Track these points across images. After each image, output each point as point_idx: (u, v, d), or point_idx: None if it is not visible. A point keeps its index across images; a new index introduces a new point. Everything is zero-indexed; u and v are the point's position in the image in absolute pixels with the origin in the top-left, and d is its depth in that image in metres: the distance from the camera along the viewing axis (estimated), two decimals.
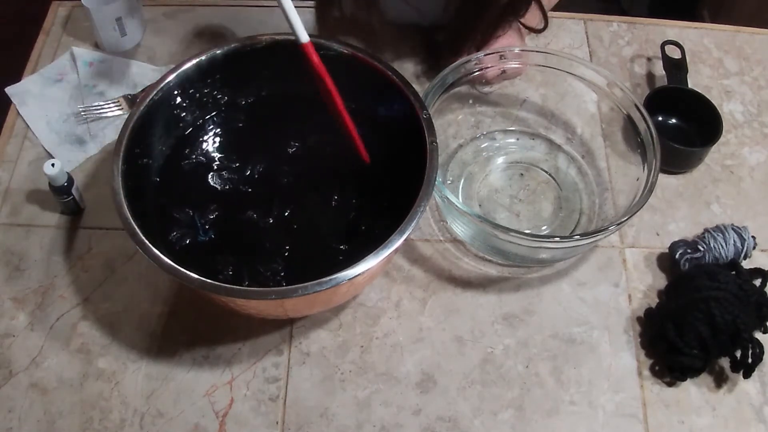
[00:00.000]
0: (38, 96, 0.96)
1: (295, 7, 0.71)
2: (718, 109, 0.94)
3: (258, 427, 0.75)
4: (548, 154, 0.95)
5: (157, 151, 0.82)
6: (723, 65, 1.06)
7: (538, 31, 0.96)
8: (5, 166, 0.91)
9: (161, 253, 0.68)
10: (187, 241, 0.77)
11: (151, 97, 0.78)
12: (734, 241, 0.84)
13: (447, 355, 0.80)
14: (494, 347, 0.81)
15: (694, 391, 0.79)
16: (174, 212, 0.79)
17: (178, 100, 0.82)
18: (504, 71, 0.91)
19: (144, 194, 0.78)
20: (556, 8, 1.07)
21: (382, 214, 0.80)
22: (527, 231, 0.88)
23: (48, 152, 0.92)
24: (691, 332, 0.77)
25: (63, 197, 0.84)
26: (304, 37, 0.72)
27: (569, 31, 1.07)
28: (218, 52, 0.81)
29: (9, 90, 0.96)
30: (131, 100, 0.95)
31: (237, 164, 0.83)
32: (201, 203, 0.80)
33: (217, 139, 0.85)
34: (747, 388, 0.80)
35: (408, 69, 1.00)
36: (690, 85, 0.98)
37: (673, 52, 0.99)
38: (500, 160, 0.94)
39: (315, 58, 0.73)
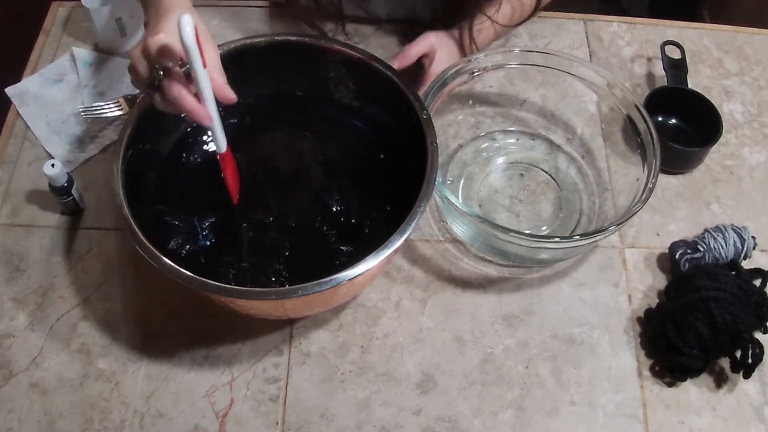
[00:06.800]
0: (38, 96, 0.96)
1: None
2: (718, 109, 0.94)
3: (258, 427, 0.75)
4: (548, 155, 0.95)
5: (157, 152, 0.82)
6: (723, 65, 1.06)
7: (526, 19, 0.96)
8: (5, 167, 0.91)
9: (161, 253, 0.68)
10: (188, 247, 0.77)
11: None
12: (734, 241, 0.84)
13: (447, 355, 0.80)
14: (494, 347, 0.81)
15: (694, 391, 0.79)
16: (173, 213, 0.79)
17: None
18: None
19: (144, 194, 0.77)
20: (555, 8, 1.07)
21: (382, 214, 0.80)
22: (527, 231, 0.88)
23: (48, 153, 0.92)
24: (691, 332, 0.77)
25: (63, 197, 0.84)
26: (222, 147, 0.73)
27: (569, 32, 1.07)
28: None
29: (9, 90, 0.96)
30: (131, 101, 0.94)
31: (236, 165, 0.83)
32: (201, 203, 0.80)
33: None
34: (747, 388, 0.80)
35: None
36: (690, 86, 0.98)
37: (673, 53, 0.99)
38: (500, 160, 0.94)
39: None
